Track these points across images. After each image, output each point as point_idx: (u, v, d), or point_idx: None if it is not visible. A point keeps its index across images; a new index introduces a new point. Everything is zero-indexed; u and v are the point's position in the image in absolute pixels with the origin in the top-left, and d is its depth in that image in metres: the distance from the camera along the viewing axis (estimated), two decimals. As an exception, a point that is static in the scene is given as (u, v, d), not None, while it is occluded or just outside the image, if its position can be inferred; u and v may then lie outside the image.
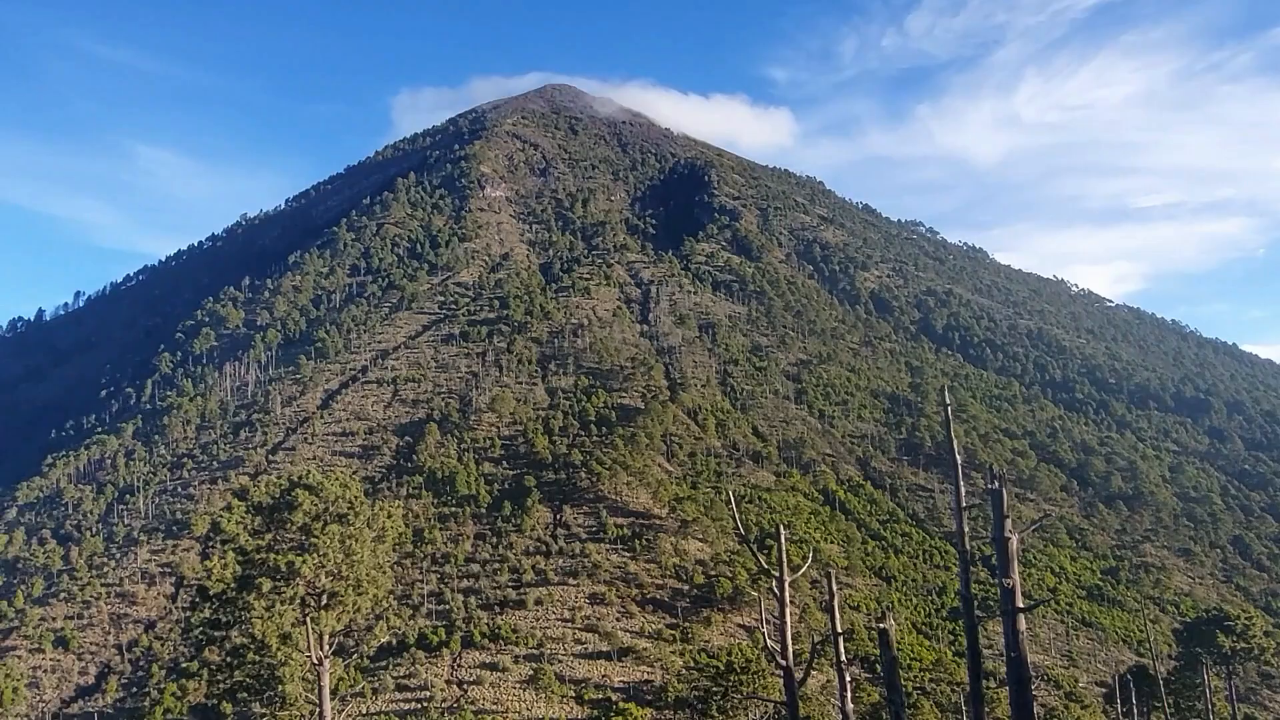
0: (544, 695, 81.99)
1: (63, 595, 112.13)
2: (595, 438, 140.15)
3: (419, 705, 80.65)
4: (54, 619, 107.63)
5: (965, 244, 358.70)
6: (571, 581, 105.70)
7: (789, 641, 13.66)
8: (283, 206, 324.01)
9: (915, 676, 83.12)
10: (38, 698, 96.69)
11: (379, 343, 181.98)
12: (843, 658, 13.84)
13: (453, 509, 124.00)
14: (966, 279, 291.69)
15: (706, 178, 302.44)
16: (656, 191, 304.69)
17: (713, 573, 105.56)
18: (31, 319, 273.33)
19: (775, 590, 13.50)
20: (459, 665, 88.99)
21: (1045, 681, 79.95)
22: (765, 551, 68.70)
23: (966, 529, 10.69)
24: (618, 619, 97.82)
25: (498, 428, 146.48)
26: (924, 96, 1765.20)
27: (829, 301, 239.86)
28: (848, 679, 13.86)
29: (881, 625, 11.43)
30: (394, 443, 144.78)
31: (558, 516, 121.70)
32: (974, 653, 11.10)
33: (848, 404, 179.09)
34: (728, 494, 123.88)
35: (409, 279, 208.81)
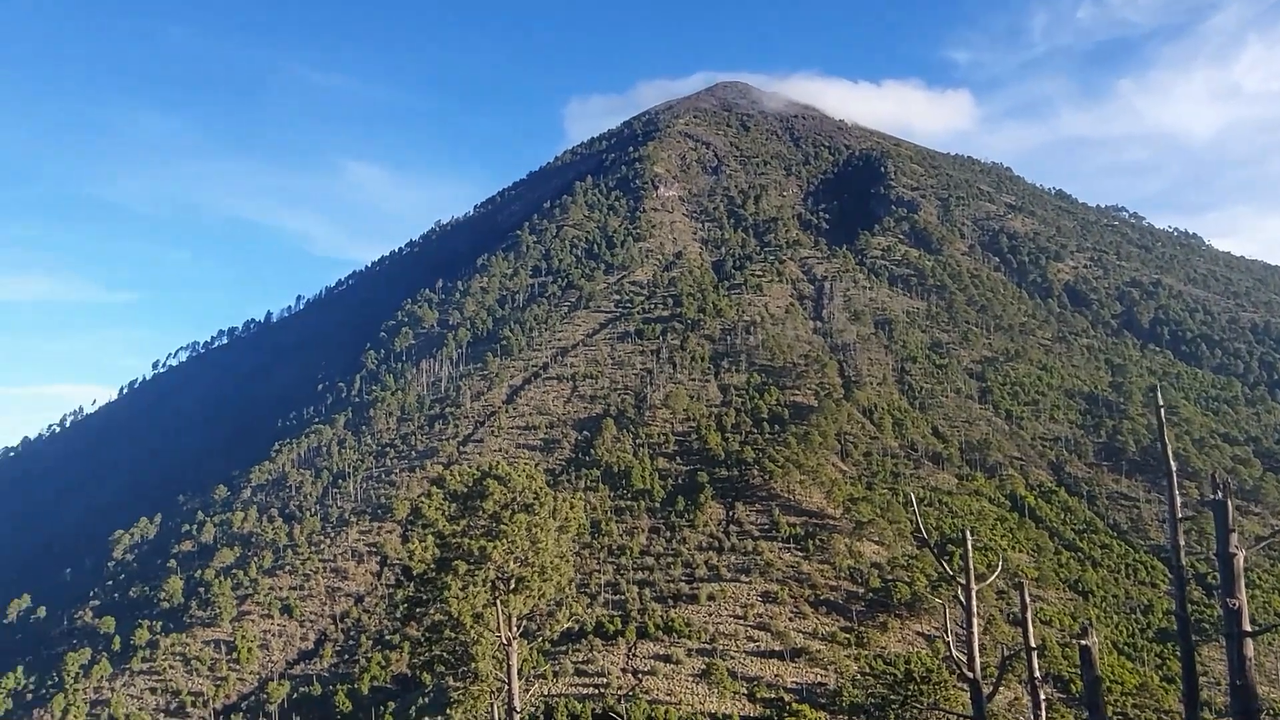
0: (716, 690, 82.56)
1: (287, 568, 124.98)
2: (768, 435, 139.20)
3: (596, 690, 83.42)
4: (280, 589, 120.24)
5: (1175, 230, 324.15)
6: (744, 578, 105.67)
7: (976, 653, 13.13)
8: (471, 213, 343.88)
9: (1116, 701, 76.72)
10: (268, 657, 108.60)
11: (559, 340, 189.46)
12: (1036, 673, 13.15)
13: (628, 503, 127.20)
14: (1177, 268, 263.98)
15: (882, 169, 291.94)
16: (830, 185, 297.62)
17: (889, 577, 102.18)
18: (261, 321, 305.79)
19: (961, 598, 13.02)
20: (634, 654, 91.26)
21: (1271, 716, 71.48)
22: (947, 558, 65.78)
23: (1181, 543, 9.94)
24: (790, 619, 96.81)
25: (671, 424, 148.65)
26: (1126, 71, 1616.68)
27: (1017, 295, 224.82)
28: (1041, 697, 13.14)
29: (1082, 642, 10.78)
30: (573, 437, 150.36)
31: (730, 513, 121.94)
32: (1190, 679, 10.28)
33: (1038, 404, 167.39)
34: (909, 496, 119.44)
35: (586, 278, 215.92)
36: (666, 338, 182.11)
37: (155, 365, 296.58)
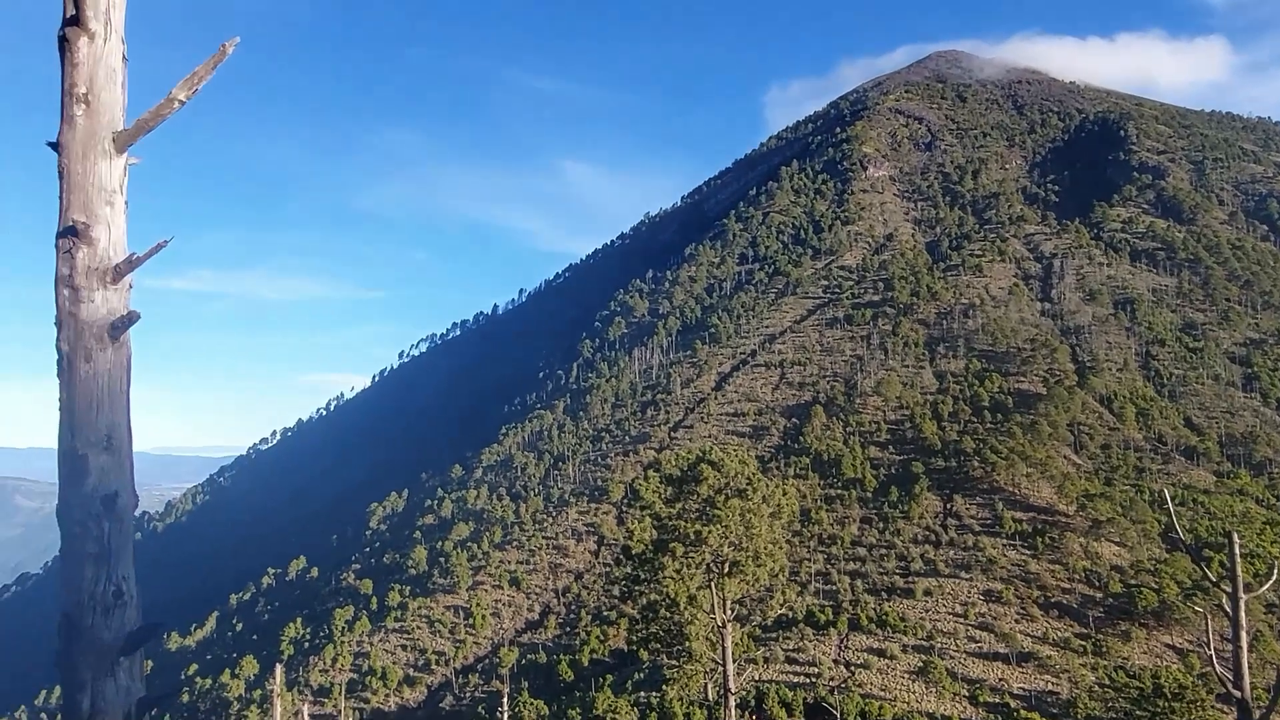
0: (934, 690, 79.96)
1: (515, 543, 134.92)
2: (989, 425, 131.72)
3: (807, 680, 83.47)
4: (509, 562, 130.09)
5: None
6: (963, 575, 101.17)
7: (1244, 670, 12.40)
8: (679, 203, 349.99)
9: None
10: (499, 625, 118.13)
11: (766, 327, 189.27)
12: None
13: (838, 491, 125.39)
14: None
15: (1121, 132, 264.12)
16: (1059, 154, 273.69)
17: (1133, 581, 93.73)
18: (489, 313, 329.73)
19: (1226, 608, 12.31)
20: (846, 646, 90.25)
21: None
22: (1205, 563, 59.52)
23: None
24: (1016, 620, 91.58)
25: (883, 411, 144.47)
26: None
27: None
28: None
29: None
30: (781, 424, 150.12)
31: (948, 506, 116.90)
32: None
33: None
34: (1161, 494, 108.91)
35: (794, 264, 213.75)
36: (877, 323, 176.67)
37: (400, 355, 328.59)
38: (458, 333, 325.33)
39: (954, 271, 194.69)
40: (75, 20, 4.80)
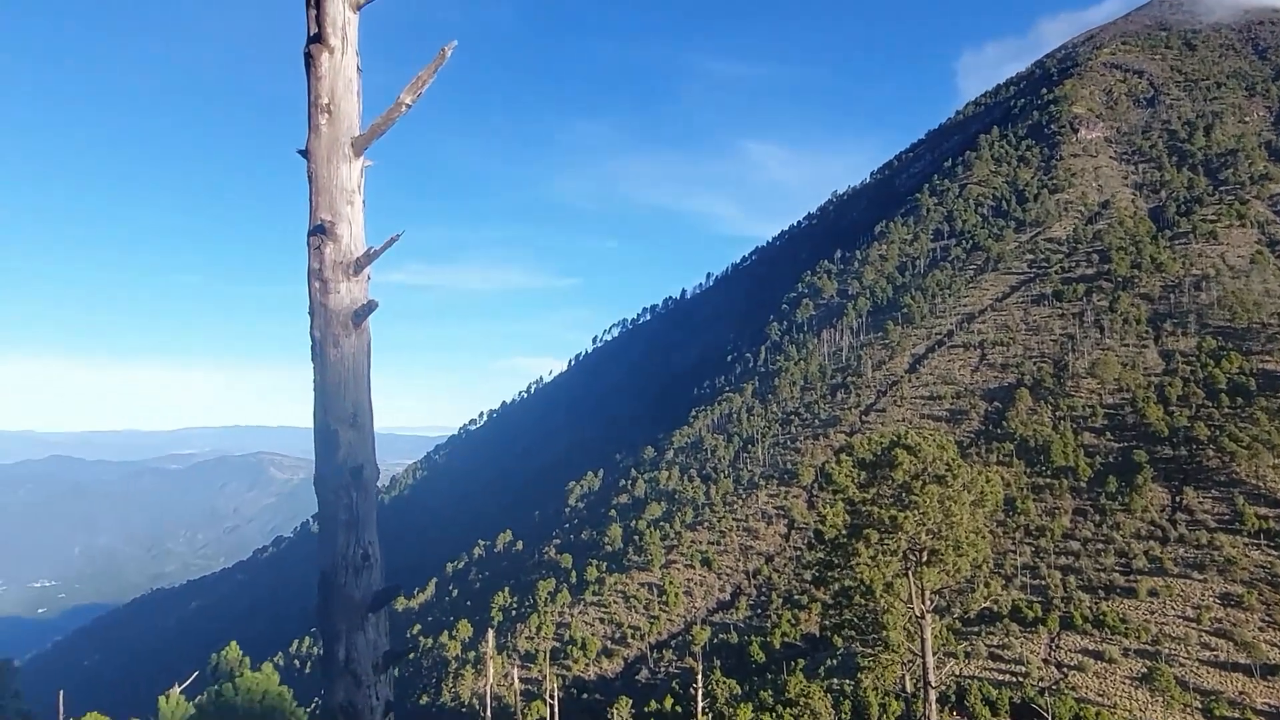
0: (1161, 699, 72.85)
1: (706, 524, 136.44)
2: (1227, 409, 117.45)
3: (1013, 678, 78.65)
4: (700, 543, 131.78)
5: None
6: (1196, 575, 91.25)
7: None
8: (867, 180, 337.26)
9: None
10: (691, 603, 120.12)
11: (964, 306, 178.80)
12: None
13: (1047, 480, 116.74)
14: None
15: None
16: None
17: None
18: (676, 298, 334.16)
19: None
20: (1057, 646, 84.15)
21: None
22: None
23: None
24: (1261, 628, 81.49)
25: (1099, 395, 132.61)
26: None
27: None
28: None
29: None
30: (982, 408, 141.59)
31: (1176, 499, 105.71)
32: None
33: None
34: None
35: (994, 239, 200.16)
36: (1091, 298, 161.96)
37: (594, 340, 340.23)
38: (647, 317, 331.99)
39: (1183, 240, 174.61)
40: (317, 38, 5.29)
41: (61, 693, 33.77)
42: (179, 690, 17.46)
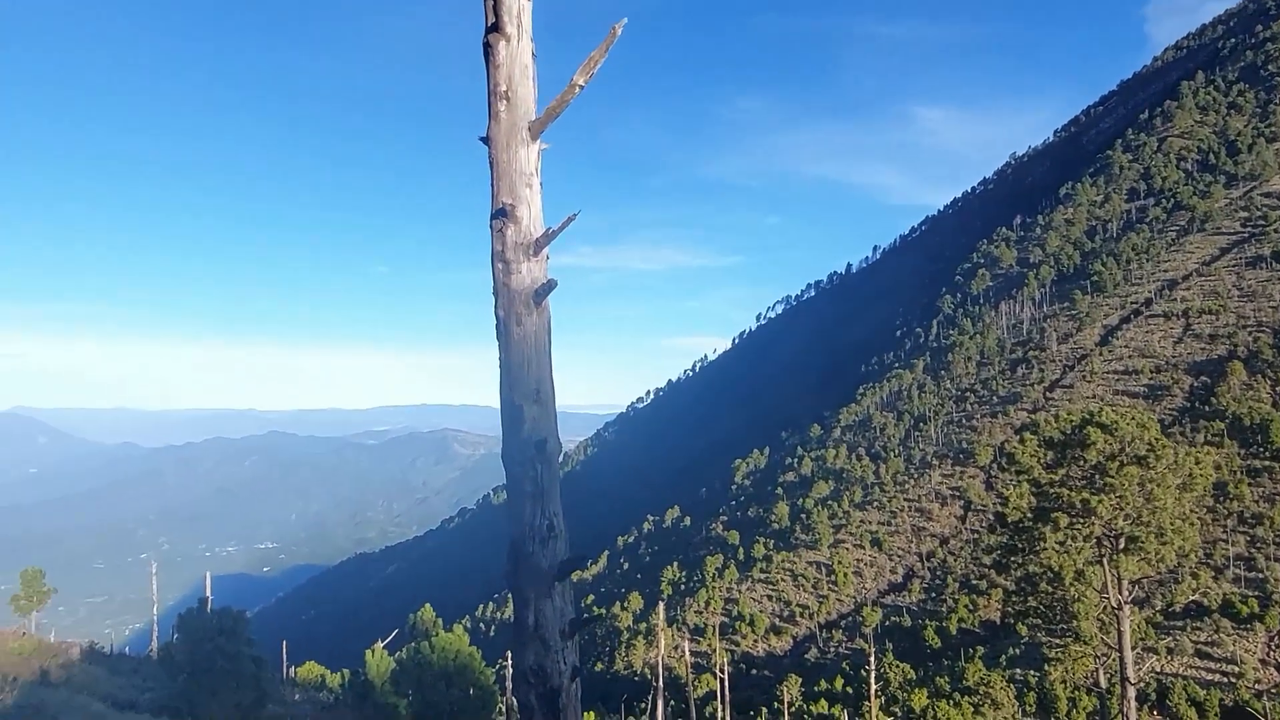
0: None
1: (875, 504, 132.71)
2: None
3: (1225, 679, 71.63)
4: (870, 523, 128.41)
5: None
6: None
7: None
8: (1050, 139, 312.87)
9: None
10: (861, 584, 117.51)
11: (1164, 272, 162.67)
12: None
13: (1265, 462, 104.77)
14: None
15: None
16: None
17: None
18: (842, 272, 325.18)
19: None
20: (1277, 646, 75.73)
21: None
22: None
23: None
24: None
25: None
26: None
27: None
28: None
29: None
30: (1187, 383, 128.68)
31: None
32: None
33: None
34: None
35: (1200, 196, 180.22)
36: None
37: (758, 318, 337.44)
38: (812, 293, 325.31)
39: None
40: (495, 27, 5.48)
41: (285, 643, 37.68)
42: (382, 646, 19.03)
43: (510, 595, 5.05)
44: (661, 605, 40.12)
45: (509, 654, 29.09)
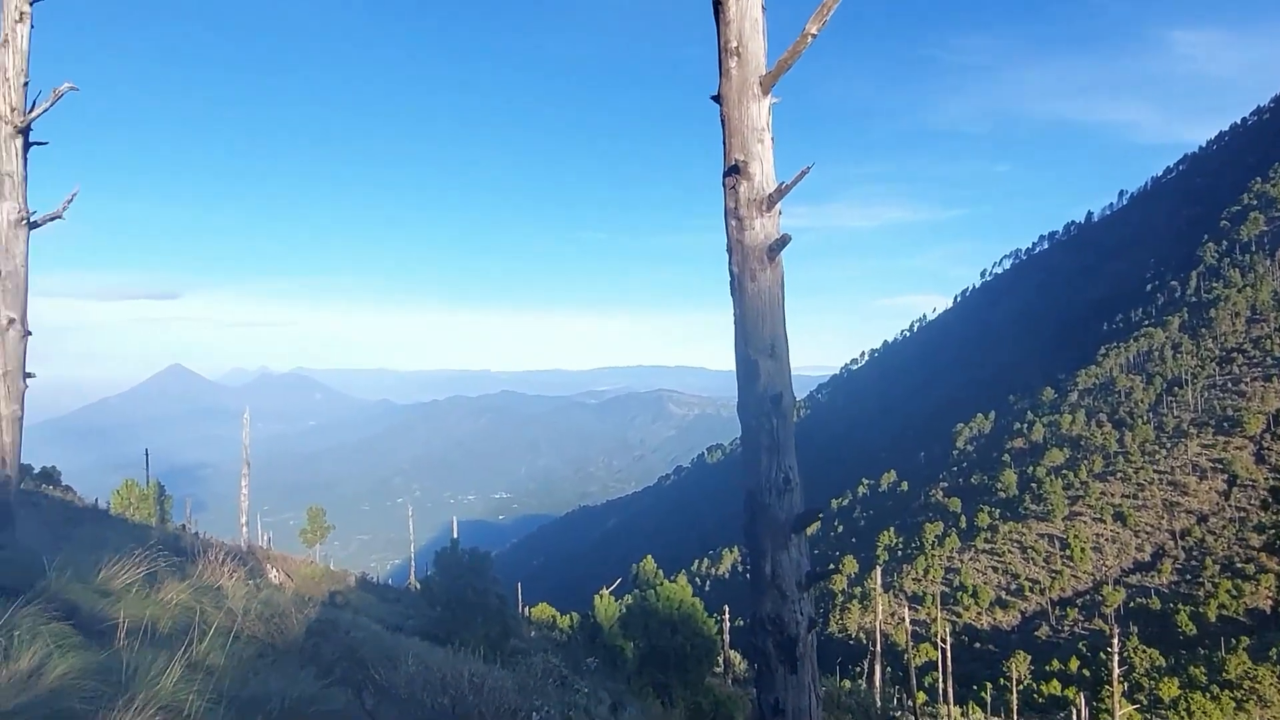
0: None
1: (1119, 475, 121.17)
2: None
3: None
4: (1112, 495, 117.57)
5: None
6: None
7: None
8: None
9: None
10: (1100, 560, 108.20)
11: None
12: None
13: None
14: None
15: None
16: None
17: None
18: (1080, 221, 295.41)
19: None
20: None
21: None
22: None
23: None
24: None
25: None
26: None
27: None
28: None
29: None
30: None
31: None
32: None
33: None
34: None
35: None
36: None
37: (982, 274, 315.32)
38: (1045, 246, 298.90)
39: None
40: (725, -16, 5.50)
41: (520, 584, 40.88)
42: (608, 592, 20.17)
43: (745, 546, 5.18)
44: (878, 570, 39.15)
45: (726, 608, 29.78)
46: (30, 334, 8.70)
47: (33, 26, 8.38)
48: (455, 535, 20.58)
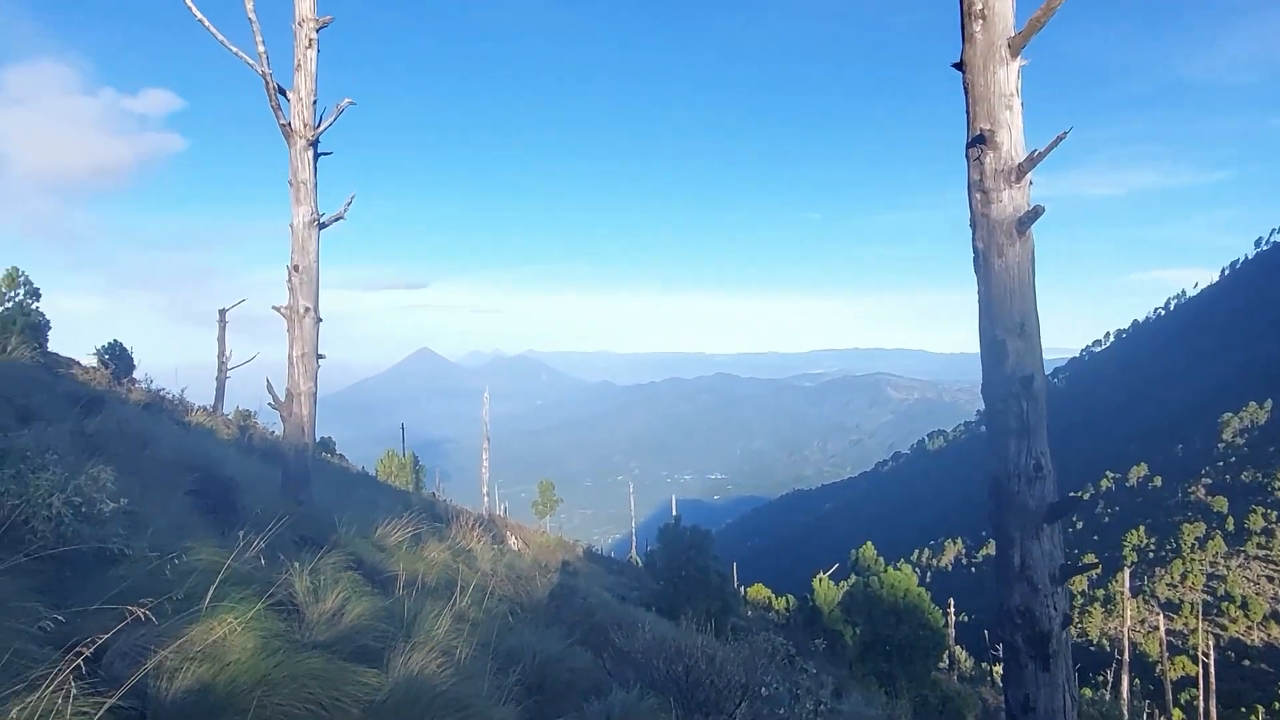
0: None
1: None
2: None
3: None
4: None
5: None
6: None
7: None
8: None
9: None
10: None
11: None
12: None
13: None
14: None
15: None
16: None
17: None
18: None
19: None
20: None
21: None
22: None
23: None
24: None
25: None
26: None
27: None
28: None
29: None
30: None
31: None
32: None
33: None
34: None
35: None
36: None
37: (1257, 244, 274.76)
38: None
39: None
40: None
41: (735, 564, 41.41)
42: (826, 576, 19.92)
43: (991, 535, 4.95)
44: (1125, 573, 35.53)
45: (951, 602, 28.44)
46: (321, 320, 10.04)
47: (319, 50, 9.60)
48: (676, 513, 21.17)
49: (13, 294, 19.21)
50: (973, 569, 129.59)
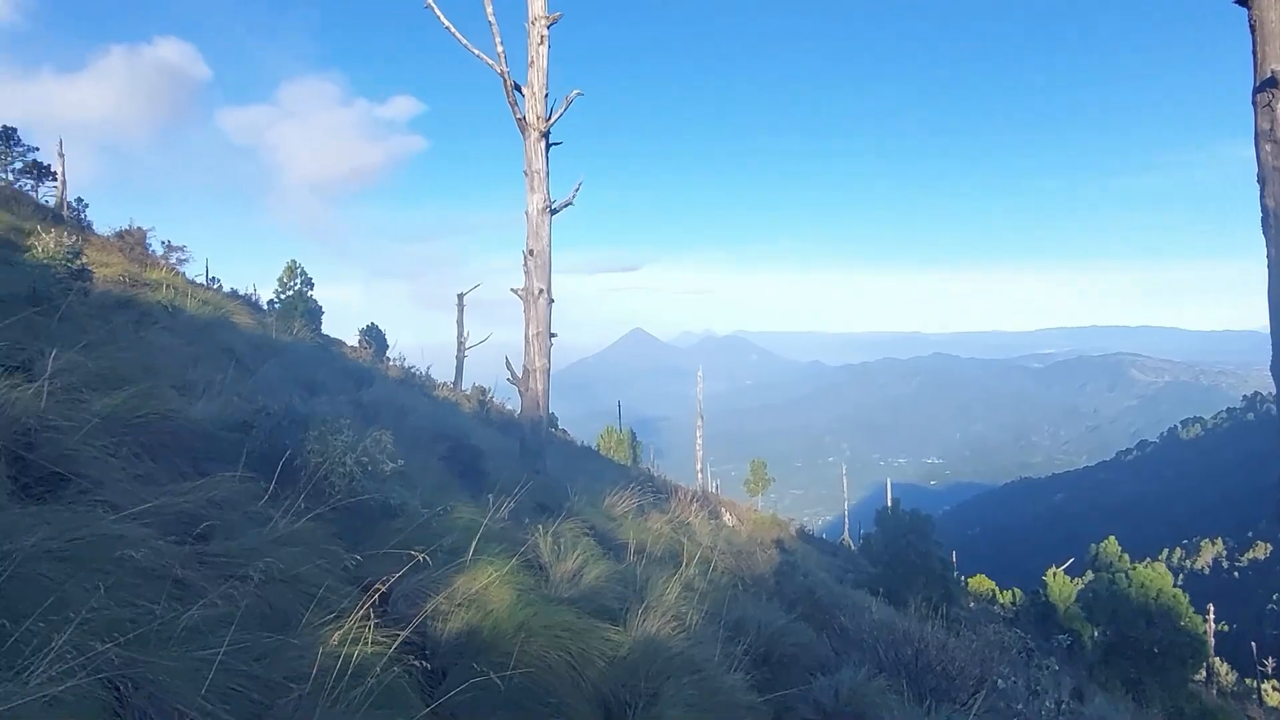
0: None
1: None
2: None
3: None
4: None
5: None
6: None
7: None
8: None
9: None
10: None
11: None
12: None
13: None
14: None
15: None
16: None
17: None
18: None
19: None
20: None
21: None
22: None
23: None
24: None
25: None
26: None
27: None
28: None
29: None
30: None
31: None
32: None
33: None
34: None
35: None
36: None
37: None
38: None
39: None
40: None
41: (954, 552, 39.44)
42: (1061, 570, 18.48)
43: (1271, 539, 4.43)
44: None
45: (1211, 609, 25.48)
46: (554, 301, 10.71)
47: (550, 46, 10.18)
48: (892, 497, 20.52)
49: (293, 284, 22.28)
50: (1235, 573, 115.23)
